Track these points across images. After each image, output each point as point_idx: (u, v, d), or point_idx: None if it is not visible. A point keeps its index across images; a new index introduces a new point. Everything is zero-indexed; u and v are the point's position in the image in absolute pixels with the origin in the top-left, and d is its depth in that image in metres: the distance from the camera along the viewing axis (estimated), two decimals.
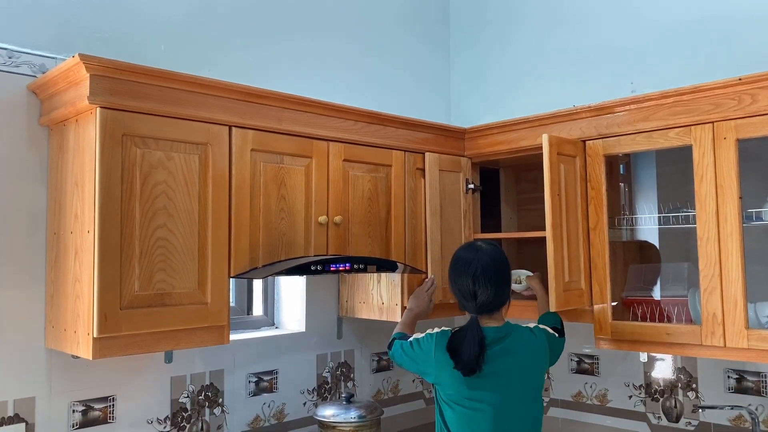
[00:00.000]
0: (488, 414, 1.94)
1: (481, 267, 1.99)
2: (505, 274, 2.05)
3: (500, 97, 3.24)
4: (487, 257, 2.01)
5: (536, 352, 2.04)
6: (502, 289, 2.02)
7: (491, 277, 1.98)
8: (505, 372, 1.96)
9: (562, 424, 2.95)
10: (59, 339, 1.94)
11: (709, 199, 2.11)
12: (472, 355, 1.89)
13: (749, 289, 2.04)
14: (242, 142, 2.08)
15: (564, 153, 2.34)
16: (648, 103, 2.26)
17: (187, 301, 1.93)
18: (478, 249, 2.05)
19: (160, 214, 1.88)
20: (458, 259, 2.07)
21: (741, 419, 2.46)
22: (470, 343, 1.90)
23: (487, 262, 2.00)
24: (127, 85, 1.83)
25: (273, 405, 2.60)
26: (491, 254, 2.03)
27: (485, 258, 2.01)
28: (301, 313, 2.75)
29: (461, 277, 2.01)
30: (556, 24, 3.05)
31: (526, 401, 2.00)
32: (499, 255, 2.05)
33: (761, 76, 2.00)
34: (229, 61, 2.51)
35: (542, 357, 2.06)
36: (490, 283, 1.98)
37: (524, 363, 2.00)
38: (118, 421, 2.17)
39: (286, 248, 2.17)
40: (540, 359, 2.05)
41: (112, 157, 1.80)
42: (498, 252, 2.06)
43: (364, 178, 2.44)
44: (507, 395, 1.96)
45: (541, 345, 2.06)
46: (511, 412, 1.96)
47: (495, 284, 1.99)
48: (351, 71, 2.97)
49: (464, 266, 2.02)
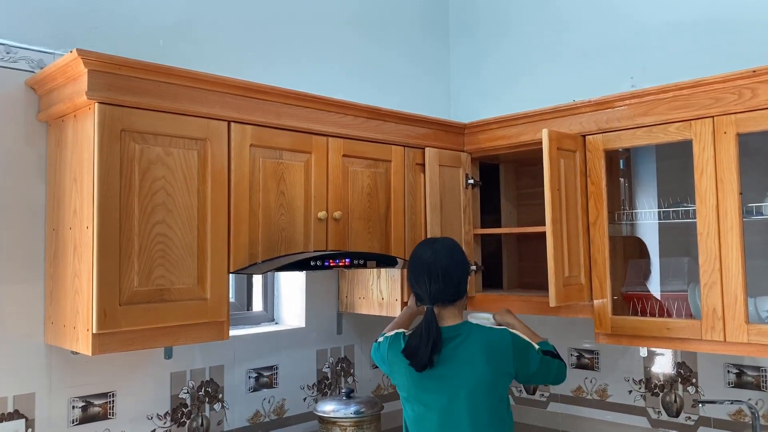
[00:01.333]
0: (435, 416, 1.94)
1: (433, 260, 2.02)
2: (459, 266, 2.05)
3: (500, 92, 3.23)
4: (442, 250, 2.04)
5: (494, 356, 1.93)
6: (457, 280, 2.02)
7: (444, 269, 2.00)
8: (451, 374, 1.92)
9: (562, 419, 2.95)
10: (59, 335, 1.94)
11: (709, 193, 2.10)
12: (426, 350, 1.90)
13: (749, 284, 2.04)
14: (241, 138, 2.08)
15: (564, 148, 2.34)
16: (648, 97, 2.25)
17: (186, 297, 1.92)
18: (433, 242, 2.11)
19: (159, 210, 1.88)
20: (414, 253, 2.11)
21: (741, 414, 2.46)
22: (425, 338, 1.92)
23: (440, 255, 2.03)
24: (126, 80, 1.82)
25: (273, 400, 2.60)
26: (446, 247, 2.06)
27: (439, 251, 2.04)
28: (301, 309, 2.75)
29: (417, 272, 2.04)
30: (556, 19, 3.04)
31: (477, 408, 1.91)
32: (453, 248, 2.08)
33: (762, 69, 2.00)
34: (228, 56, 2.50)
35: (501, 361, 1.94)
36: (442, 275, 1.99)
37: (475, 366, 1.92)
38: (117, 417, 2.17)
39: (285, 244, 2.16)
40: (498, 364, 1.94)
41: (111, 152, 1.79)
42: (453, 245, 2.09)
43: (363, 173, 2.43)
44: (453, 398, 1.92)
45: (502, 348, 1.95)
46: (459, 416, 1.91)
47: (447, 275, 2.00)
48: (351, 66, 2.96)
49: (418, 260, 2.06)
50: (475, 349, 1.94)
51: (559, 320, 2.84)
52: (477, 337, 1.97)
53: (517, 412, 3.08)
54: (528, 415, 3.06)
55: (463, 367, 1.93)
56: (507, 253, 3.07)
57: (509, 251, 3.08)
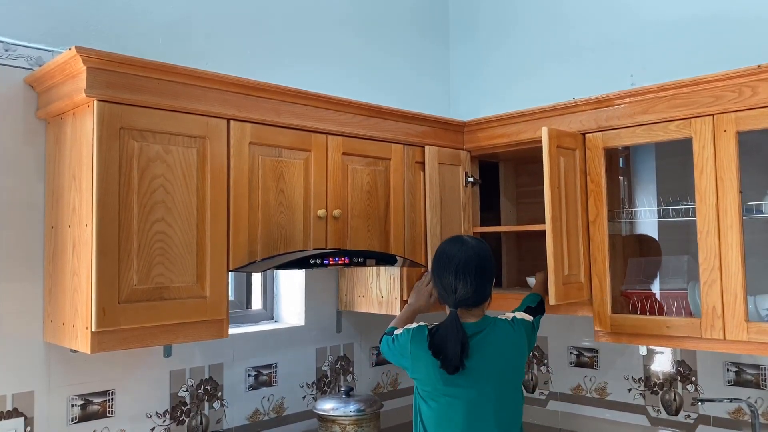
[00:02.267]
0: (462, 409, 1.93)
1: (464, 261, 1.96)
2: (488, 271, 2.00)
3: (500, 90, 3.23)
4: (471, 252, 1.99)
5: (514, 346, 2.01)
6: (484, 285, 1.99)
7: (473, 273, 1.95)
8: (481, 367, 1.93)
9: (562, 417, 2.95)
10: (58, 333, 1.94)
11: (709, 191, 2.10)
12: (456, 353, 1.88)
13: (749, 282, 2.04)
14: (240, 136, 2.07)
15: (563, 146, 2.33)
16: (648, 95, 2.25)
17: (185, 295, 1.92)
18: (463, 243, 2.03)
19: (158, 208, 1.88)
20: (442, 252, 2.04)
21: (740, 412, 2.47)
22: (453, 342, 1.89)
23: (470, 256, 1.98)
24: (125, 78, 1.82)
25: (272, 399, 2.60)
26: (475, 249, 2.00)
27: (469, 252, 1.98)
28: (301, 307, 2.75)
29: (443, 271, 1.99)
30: (555, 16, 3.03)
31: (502, 396, 1.96)
32: (483, 250, 2.02)
33: (761, 68, 1.99)
34: (228, 54, 2.50)
35: (520, 350, 2.03)
36: (471, 279, 1.95)
37: (501, 357, 1.97)
38: (117, 416, 2.17)
39: (284, 242, 2.16)
40: (518, 353, 2.02)
41: (110, 150, 1.79)
42: (482, 247, 2.03)
43: (363, 171, 2.43)
44: (482, 390, 1.93)
45: (519, 338, 2.04)
46: (485, 407, 1.94)
47: (476, 280, 1.96)
48: (350, 64, 2.96)
49: (447, 260, 2.00)
50: (498, 341, 1.98)
51: (559, 318, 2.84)
52: (500, 330, 2.00)
53: None
54: (527, 413, 3.05)
55: (490, 359, 1.95)
56: (506, 252, 3.07)
57: (509, 249, 3.08)
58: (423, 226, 2.61)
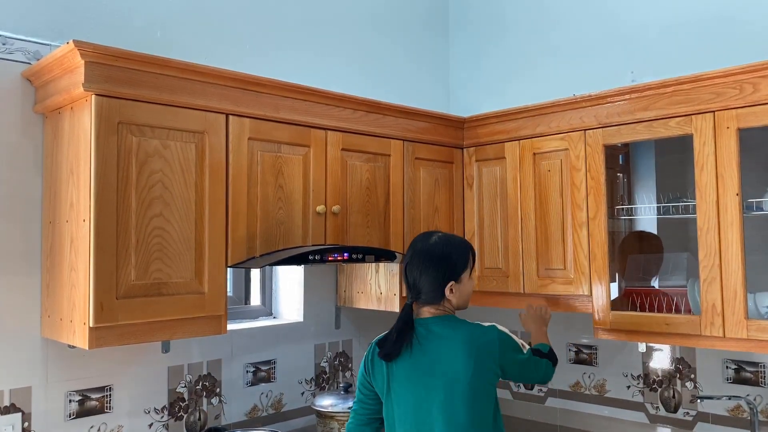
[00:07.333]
0: (408, 410, 1.89)
1: (415, 256, 1.96)
2: (442, 268, 1.93)
3: (499, 86, 3.22)
4: (428, 244, 1.97)
5: (476, 351, 1.86)
6: (433, 281, 1.93)
7: (420, 267, 1.94)
8: (430, 366, 1.87)
9: (561, 413, 2.95)
10: (55, 328, 1.93)
11: (710, 188, 2.09)
12: (391, 339, 1.90)
13: (749, 280, 2.03)
14: (239, 131, 2.06)
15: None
16: (648, 92, 2.24)
17: (184, 291, 1.91)
18: (423, 238, 2.01)
19: (157, 203, 1.87)
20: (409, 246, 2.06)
21: (739, 409, 2.46)
22: (394, 330, 1.91)
23: (422, 251, 1.96)
24: (123, 72, 1.81)
25: (271, 395, 2.60)
26: (432, 245, 1.96)
27: (425, 244, 1.97)
28: (299, 303, 2.75)
29: (403, 263, 2.02)
30: (556, 13, 3.02)
31: (453, 400, 1.84)
32: (443, 242, 1.97)
33: (762, 64, 1.99)
34: (227, 49, 2.49)
35: (486, 358, 1.87)
36: (419, 273, 1.94)
37: (455, 359, 1.85)
38: (115, 411, 2.17)
39: (283, 238, 2.15)
40: (481, 359, 1.86)
41: (108, 145, 1.78)
42: (444, 240, 1.98)
43: (362, 167, 2.42)
44: (427, 393, 1.86)
45: (486, 344, 1.88)
46: (430, 411, 1.85)
47: (423, 275, 1.93)
48: (349, 60, 2.95)
49: (407, 252, 2.02)
50: (456, 342, 1.87)
51: (558, 315, 2.83)
52: (461, 332, 1.89)
53: (516, 407, 3.08)
54: (526, 410, 3.06)
55: (442, 359, 1.87)
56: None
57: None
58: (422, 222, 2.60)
